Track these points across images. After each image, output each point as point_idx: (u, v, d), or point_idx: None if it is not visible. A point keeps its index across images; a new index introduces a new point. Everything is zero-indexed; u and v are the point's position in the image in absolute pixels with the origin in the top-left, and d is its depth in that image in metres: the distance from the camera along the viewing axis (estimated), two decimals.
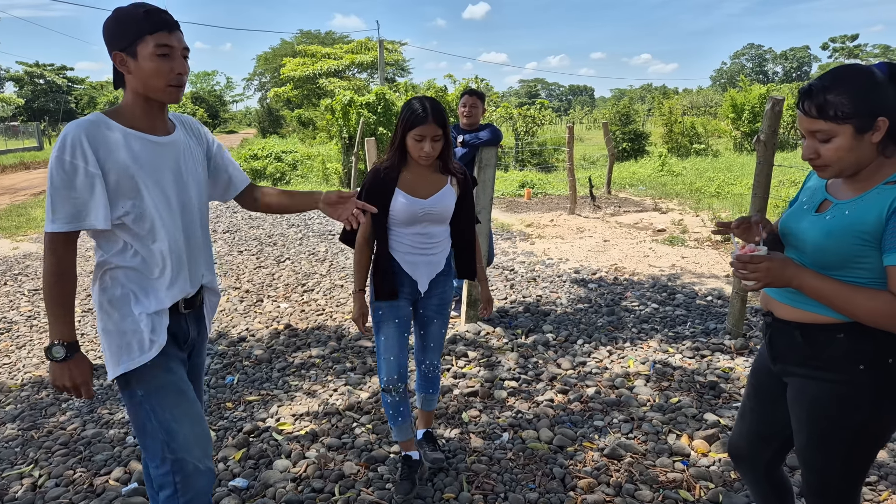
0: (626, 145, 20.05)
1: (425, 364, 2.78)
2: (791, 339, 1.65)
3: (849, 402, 1.57)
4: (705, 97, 35.45)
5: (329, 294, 5.81)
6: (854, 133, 1.45)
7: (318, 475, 2.82)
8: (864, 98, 1.43)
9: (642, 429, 3.16)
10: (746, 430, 1.94)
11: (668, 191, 12.11)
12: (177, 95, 1.77)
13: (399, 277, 2.57)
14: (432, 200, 2.49)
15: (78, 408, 3.59)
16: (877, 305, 1.43)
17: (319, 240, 8.32)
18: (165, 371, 1.83)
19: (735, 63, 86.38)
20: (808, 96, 1.49)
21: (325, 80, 32.39)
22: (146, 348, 1.78)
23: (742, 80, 22.51)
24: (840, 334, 1.55)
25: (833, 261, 1.52)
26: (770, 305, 1.73)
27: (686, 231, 8.33)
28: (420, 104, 2.37)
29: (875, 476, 2.71)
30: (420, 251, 2.55)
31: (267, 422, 3.34)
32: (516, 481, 2.75)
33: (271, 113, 39.82)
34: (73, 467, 2.95)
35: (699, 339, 4.37)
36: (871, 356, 1.53)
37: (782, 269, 1.52)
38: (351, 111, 16.17)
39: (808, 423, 1.66)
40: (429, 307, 2.67)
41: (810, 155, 1.53)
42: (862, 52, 68.66)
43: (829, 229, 1.52)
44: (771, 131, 3.96)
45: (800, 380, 1.67)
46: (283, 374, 4.00)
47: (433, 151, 2.40)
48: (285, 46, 46.01)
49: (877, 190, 1.47)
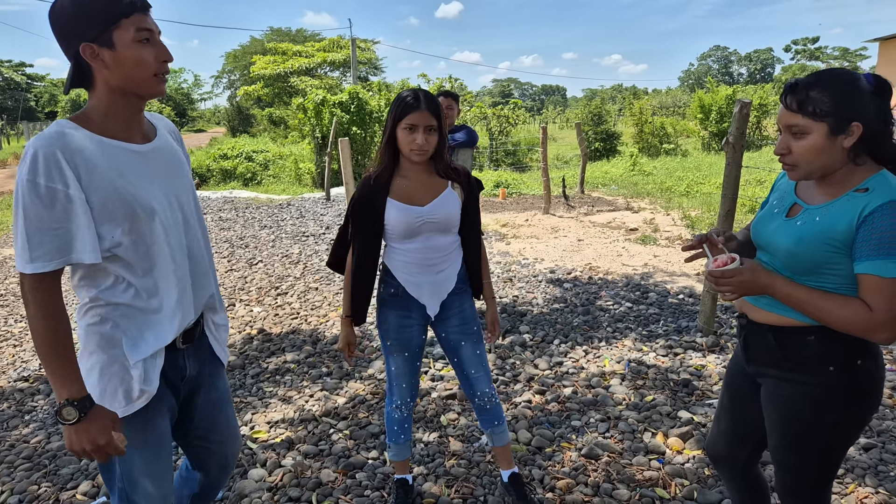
0: (599, 145, 20.26)
1: (477, 396, 2.41)
2: (764, 341, 1.68)
3: (820, 404, 1.60)
4: (674, 97, 36.01)
5: (304, 297, 5.75)
6: (828, 133, 1.47)
7: (295, 483, 2.78)
8: (843, 101, 1.46)
9: (618, 428, 3.19)
10: (723, 431, 1.97)
11: (640, 190, 12.26)
12: (163, 87, 1.54)
13: (404, 302, 2.29)
14: (431, 207, 2.19)
15: (42, 419, 3.50)
16: (847, 313, 1.45)
17: (293, 241, 8.23)
18: (145, 425, 1.62)
19: (702, 64, 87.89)
20: (791, 91, 1.51)
21: (297, 79, 32.12)
22: (133, 397, 1.56)
23: (709, 81, 22.88)
24: (811, 337, 1.58)
25: (804, 266, 1.55)
26: (744, 308, 1.75)
27: (658, 230, 8.43)
28: (411, 93, 2.14)
29: (842, 469, 2.77)
30: (424, 269, 2.24)
31: (241, 430, 3.29)
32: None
33: (241, 111, 39.28)
34: (37, 482, 2.86)
35: (672, 338, 4.43)
36: (840, 358, 1.56)
37: (754, 281, 1.54)
38: (324, 110, 16.04)
39: (781, 424, 1.69)
40: (449, 330, 2.35)
41: (782, 150, 1.55)
42: (823, 53, 70.36)
43: (800, 236, 1.54)
44: (739, 133, 4.03)
45: (773, 381, 1.70)
46: (258, 380, 3.94)
47: (426, 144, 2.12)
48: (255, 44, 45.45)
49: (847, 197, 1.50)
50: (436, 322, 2.36)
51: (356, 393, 3.67)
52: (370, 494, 2.69)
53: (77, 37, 1.44)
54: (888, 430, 3.09)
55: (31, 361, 4.39)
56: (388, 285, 2.30)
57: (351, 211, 2.26)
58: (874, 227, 1.42)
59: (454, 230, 2.28)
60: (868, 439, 3.01)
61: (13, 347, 4.71)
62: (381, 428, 3.24)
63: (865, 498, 2.59)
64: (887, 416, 3.25)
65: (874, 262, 1.42)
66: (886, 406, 3.34)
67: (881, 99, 1.48)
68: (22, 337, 4.93)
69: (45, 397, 3.79)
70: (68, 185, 1.39)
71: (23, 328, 5.13)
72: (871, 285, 1.43)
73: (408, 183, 2.21)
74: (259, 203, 12.22)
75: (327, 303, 5.55)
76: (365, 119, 16.57)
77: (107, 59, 1.45)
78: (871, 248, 1.42)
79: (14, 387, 3.95)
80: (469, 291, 2.40)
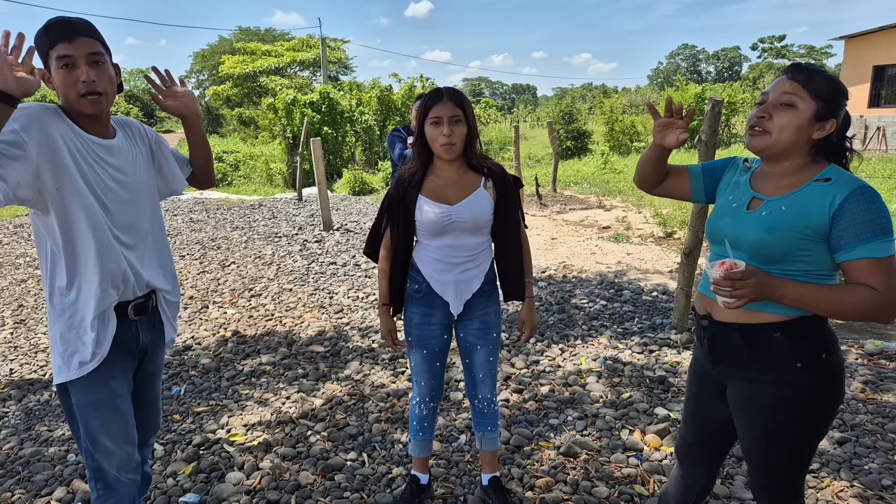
0: (570, 144, 20.43)
1: (477, 399, 2.46)
2: (731, 341, 1.69)
3: (790, 402, 1.63)
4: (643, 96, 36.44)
5: (278, 298, 5.69)
6: (813, 114, 1.56)
7: (274, 486, 2.75)
8: (835, 97, 1.56)
9: (596, 425, 3.22)
10: (691, 435, 1.97)
11: (612, 188, 12.39)
12: (95, 106, 1.73)
13: (428, 298, 2.31)
14: (460, 206, 2.19)
15: (14, 426, 3.40)
16: (860, 299, 1.48)
17: (265, 242, 8.14)
18: (102, 385, 1.85)
19: (671, 63, 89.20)
20: (798, 69, 1.59)
21: (266, 78, 31.75)
22: (87, 359, 1.80)
23: (679, 79, 23.24)
24: (777, 334, 1.60)
25: (774, 254, 1.58)
26: (709, 307, 1.75)
27: (630, 228, 8.54)
28: (433, 90, 2.18)
29: (817, 464, 2.84)
30: (450, 267, 2.25)
31: (217, 433, 3.24)
32: (475, 483, 2.75)
33: (210, 112, 38.73)
34: (10, 489, 2.78)
35: (647, 335, 4.48)
36: (807, 353, 1.59)
37: (767, 282, 1.51)
38: (294, 110, 15.91)
39: (752, 425, 1.71)
40: (469, 332, 2.36)
41: (762, 114, 1.61)
42: (789, 52, 71.87)
43: (770, 224, 1.58)
44: (711, 131, 4.09)
45: (741, 383, 1.71)
46: (233, 382, 3.89)
47: (454, 136, 2.11)
48: (223, 43, 44.81)
49: (810, 187, 1.56)
50: (458, 321, 2.37)
51: (333, 394, 3.65)
52: (350, 496, 2.67)
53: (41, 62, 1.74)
54: (861, 424, 3.17)
55: (2, 366, 4.28)
56: (414, 281, 2.33)
57: (386, 205, 2.30)
58: (852, 214, 1.47)
59: (484, 231, 2.28)
60: (842, 433, 3.08)
61: None
62: (358, 429, 3.22)
63: (841, 491, 2.64)
64: (860, 410, 3.32)
65: (865, 246, 1.46)
66: (859, 401, 3.42)
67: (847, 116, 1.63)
68: None
69: (17, 402, 3.69)
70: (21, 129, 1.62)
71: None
72: (869, 268, 1.47)
73: (440, 181, 2.23)
74: (230, 204, 12.06)
75: (301, 304, 5.50)
76: (336, 119, 16.49)
77: (52, 82, 1.73)
78: (857, 234, 1.47)
79: None
80: (496, 295, 2.39)
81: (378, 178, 14.61)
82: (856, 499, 2.59)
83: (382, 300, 2.37)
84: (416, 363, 2.40)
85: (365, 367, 4.04)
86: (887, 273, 1.46)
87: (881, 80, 20.31)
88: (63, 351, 1.80)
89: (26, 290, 6.18)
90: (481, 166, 2.25)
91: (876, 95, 20.40)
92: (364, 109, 17.27)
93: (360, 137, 17.69)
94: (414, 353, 2.39)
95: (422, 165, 2.23)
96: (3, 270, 7.00)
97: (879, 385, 3.62)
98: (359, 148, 17.88)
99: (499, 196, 2.26)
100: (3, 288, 6.29)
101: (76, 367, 1.80)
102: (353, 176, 14.09)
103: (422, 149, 2.22)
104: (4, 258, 7.60)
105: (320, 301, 5.58)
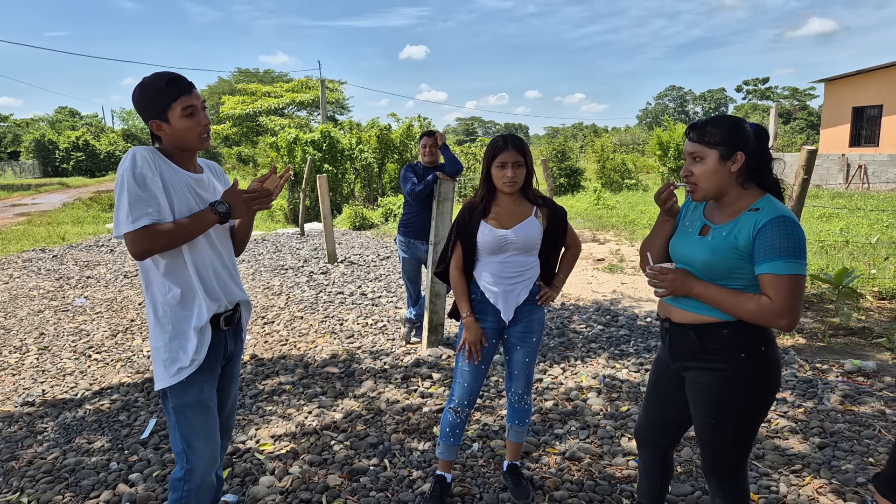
0: (563, 181, 20.95)
1: (511, 391, 2.85)
2: (686, 338, 2.05)
3: (735, 384, 1.97)
4: (633, 135, 37.31)
5: (290, 325, 5.96)
6: (719, 158, 1.92)
7: (304, 488, 3.00)
8: (730, 135, 1.91)
9: (597, 434, 3.50)
10: (650, 420, 2.34)
11: (605, 223, 12.79)
12: (207, 142, 2.11)
13: (481, 306, 2.72)
14: (515, 231, 2.64)
15: (54, 439, 3.64)
16: (752, 306, 1.86)
17: (272, 274, 8.43)
18: (198, 389, 2.10)
19: (659, 103, 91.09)
20: (693, 128, 1.99)
21: (266, 118, 32.41)
22: (186, 364, 2.05)
23: (667, 119, 23.96)
24: (724, 330, 1.96)
25: (718, 273, 1.96)
26: (668, 312, 2.13)
27: (623, 260, 8.89)
28: (500, 137, 2.62)
29: (799, 465, 3.12)
30: (503, 280, 2.68)
31: (247, 443, 3.49)
32: (489, 484, 3.01)
33: (209, 150, 39.29)
34: (61, 493, 3.02)
35: (642, 356, 4.78)
36: (749, 346, 1.95)
37: (683, 281, 1.96)
38: (296, 148, 16.35)
39: (703, 407, 2.05)
40: (512, 334, 2.77)
41: (685, 173, 2.01)
42: (773, 93, 73.69)
43: (714, 248, 1.96)
44: None
45: (695, 372, 2.06)
46: (256, 400, 4.14)
47: (515, 177, 2.57)
48: (223, 84, 45.76)
49: (744, 216, 1.93)
50: (505, 327, 2.77)
51: (352, 409, 3.91)
52: (375, 495, 2.92)
53: (146, 115, 2.03)
54: (840, 432, 3.47)
55: (33, 388, 4.52)
56: (472, 292, 2.75)
57: (455, 231, 2.73)
58: (766, 237, 1.84)
59: (534, 251, 2.72)
60: (822, 439, 3.37)
61: (12, 376, 4.82)
62: (378, 439, 3.49)
63: (820, 487, 2.93)
64: (839, 419, 3.63)
65: (770, 264, 1.83)
66: (839, 412, 3.73)
67: (759, 140, 1.95)
68: (19, 366, 5.03)
69: (54, 419, 3.93)
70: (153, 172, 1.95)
71: (18, 358, 5.23)
72: (770, 282, 1.83)
73: (499, 210, 2.69)
74: None
75: (313, 330, 5.78)
76: (336, 156, 16.93)
77: (166, 129, 2.03)
78: (766, 253, 1.84)
79: (21, 411, 4.08)
80: (541, 306, 2.80)
81: (378, 214, 14.97)
82: (833, 493, 2.87)
83: (465, 312, 2.72)
84: (463, 363, 2.74)
85: (379, 386, 4.31)
86: (783, 288, 1.81)
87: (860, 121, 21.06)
88: (165, 359, 2.04)
89: (45, 320, 6.43)
90: (535, 198, 2.72)
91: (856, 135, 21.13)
92: (364, 147, 17.76)
93: (359, 174, 18.14)
94: (462, 355, 2.74)
95: (487, 195, 2.68)
96: (19, 302, 7.25)
97: (857, 399, 3.93)
98: (358, 184, 18.31)
99: (548, 224, 2.73)
100: (23, 318, 6.53)
101: (175, 372, 2.04)
102: (354, 211, 14.45)
103: (487, 183, 2.66)
104: (18, 290, 7.84)
105: (331, 327, 5.86)
